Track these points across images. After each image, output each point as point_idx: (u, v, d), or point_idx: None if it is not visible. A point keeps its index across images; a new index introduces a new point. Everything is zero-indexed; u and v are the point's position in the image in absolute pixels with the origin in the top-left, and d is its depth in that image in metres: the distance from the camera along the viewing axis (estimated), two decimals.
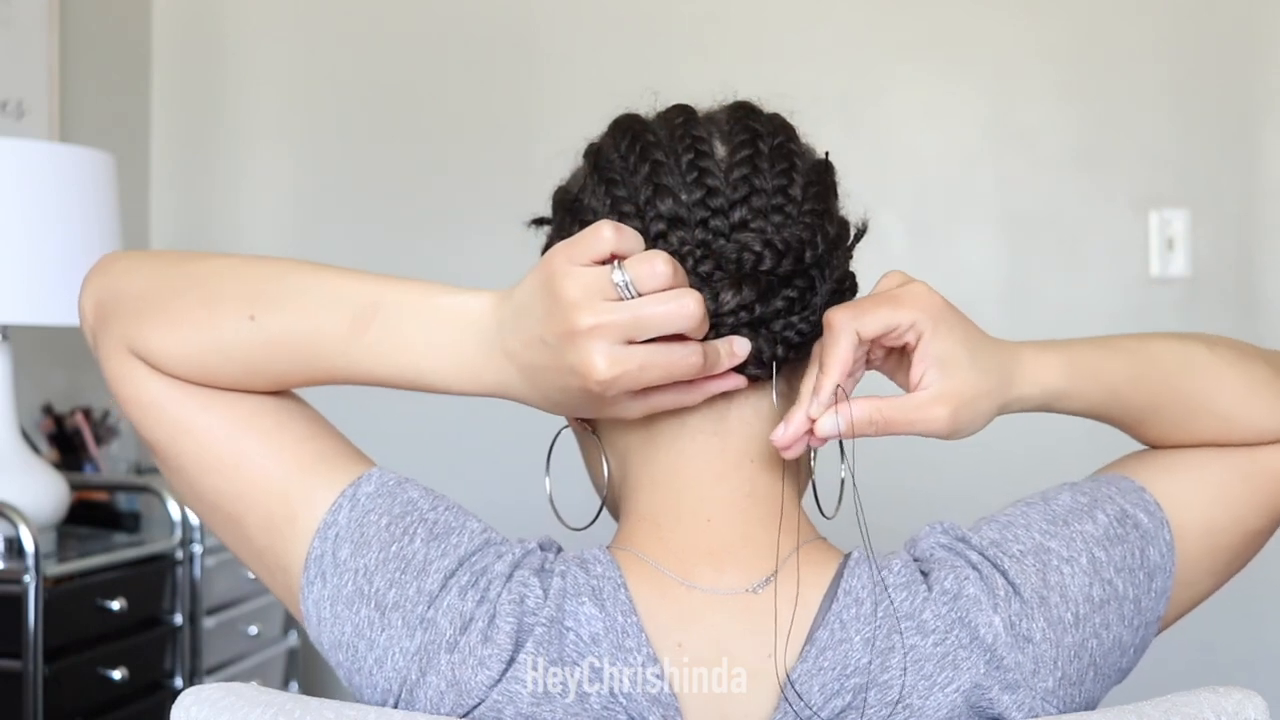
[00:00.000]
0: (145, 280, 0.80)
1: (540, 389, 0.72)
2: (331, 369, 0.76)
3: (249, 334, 0.76)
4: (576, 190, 0.81)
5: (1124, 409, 0.83)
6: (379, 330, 0.74)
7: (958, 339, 0.75)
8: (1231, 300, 2.48)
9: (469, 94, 2.69)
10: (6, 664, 1.72)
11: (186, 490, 0.81)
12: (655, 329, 0.69)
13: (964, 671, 0.73)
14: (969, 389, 0.75)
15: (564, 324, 0.68)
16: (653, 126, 0.80)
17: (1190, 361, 0.83)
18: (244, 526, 0.79)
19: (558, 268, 0.69)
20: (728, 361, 0.74)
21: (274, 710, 0.71)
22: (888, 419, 0.74)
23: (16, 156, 1.85)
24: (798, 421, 0.74)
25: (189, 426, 0.79)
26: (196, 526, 2.06)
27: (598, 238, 0.69)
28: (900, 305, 0.75)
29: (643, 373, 0.69)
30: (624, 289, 0.68)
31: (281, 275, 0.77)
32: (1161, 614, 0.79)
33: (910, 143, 2.58)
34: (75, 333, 2.38)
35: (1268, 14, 2.46)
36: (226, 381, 0.78)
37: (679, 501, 0.78)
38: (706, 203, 0.76)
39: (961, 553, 0.76)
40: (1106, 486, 0.81)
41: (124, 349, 0.79)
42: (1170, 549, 0.79)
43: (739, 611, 0.75)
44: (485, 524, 0.77)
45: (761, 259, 0.75)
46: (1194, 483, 0.82)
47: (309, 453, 0.78)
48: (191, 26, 2.80)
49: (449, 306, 0.74)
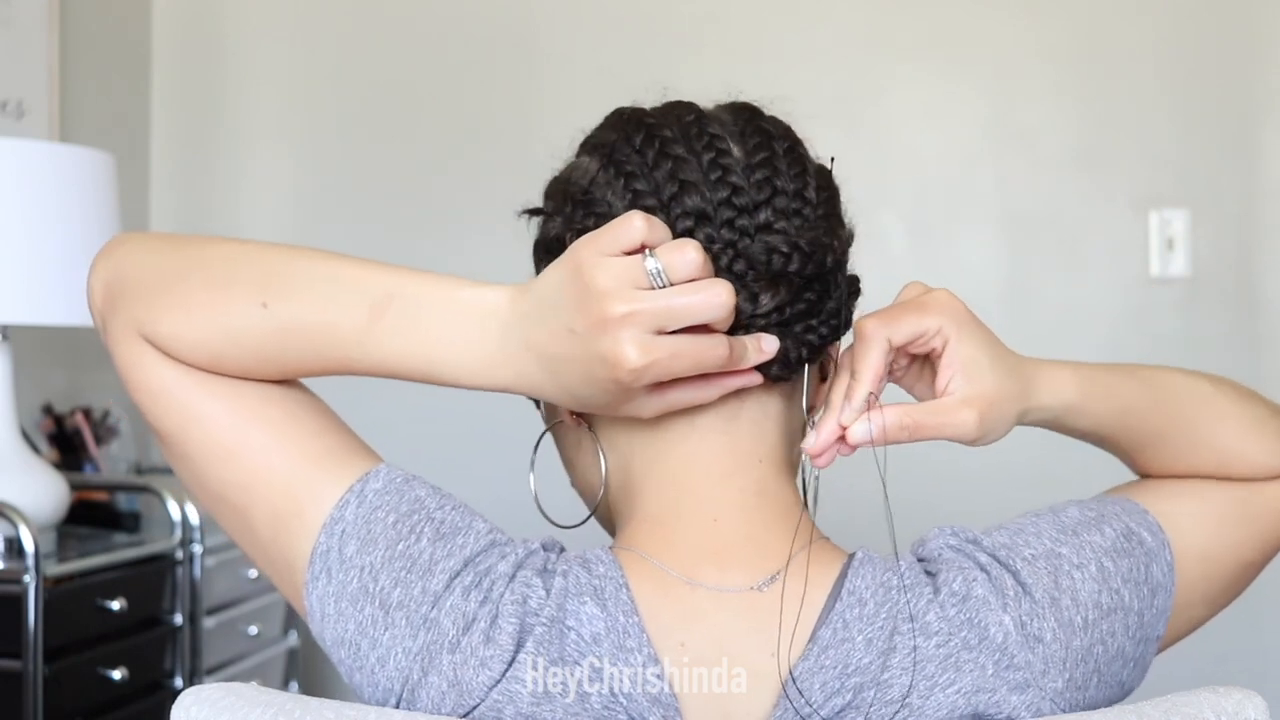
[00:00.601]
0: (156, 263, 0.79)
1: (562, 381, 0.72)
2: (344, 359, 0.76)
3: (261, 321, 0.76)
4: (586, 183, 0.80)
5: (1131, 432, 0.84)
6: (394, 321, 0.74)
7: (980, 344, 0.77)
8: (1231, 300, 2.48)
9: (469, 94, 2.69)
10: (6, 664, 1.72)
11: (193, 480, 0.80)
12: (688, 318, 0.69)
13: (966, 674, 0.73)
14: (994, 392, 0.76)
15: (596, 312, 0.68)
16: (664, 122, 0.80)
17: (1197, 394, 0.86)
18: (249, 519, 0.78)
19: (587, 258, 0.69)
20: (755, 358, 0.74)
21: (274, 710, 0.71)
22: (918, 423, 0.75)
23: (16, 156, 1.85)
24: (829, 429, 0.75)
25: (197, 414, 0.78)
26: (196, 526, 2.06)
27: (629, 227, 0.69)
28: (926, 311, 0.76)
29: (673, 362, 0.69)
30: (656, 277, 0.68)
31: (295, 261, 0.77)
32: (1161, 634, 0.80)
33: (910, 143, 2.59)
34: (75, 333, 2.38)
35: (1268, 14, 2.46)
36: (237, 369, 0.77)
37: (686, 500, 0.78)
38: (732, 201, 0.76)
39: (970, 554, 0.76)
40: (1111, 505, 0.82)
41: (133, 333, 0.78)
42: (1171, 569, 0.80)
43: (743, 609, 0.75)
44: (491, 524, 0.77)
45: (790, 260, 0.75)
46: (1195, 510, 0.84)
47: (317, 446, 0.78)
48: (191, 26, 2.80)
49: (466, 299, 0.73)
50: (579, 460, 0.86)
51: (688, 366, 0.70)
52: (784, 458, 0.81)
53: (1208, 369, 0.90)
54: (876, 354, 0.75)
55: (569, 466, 0.88)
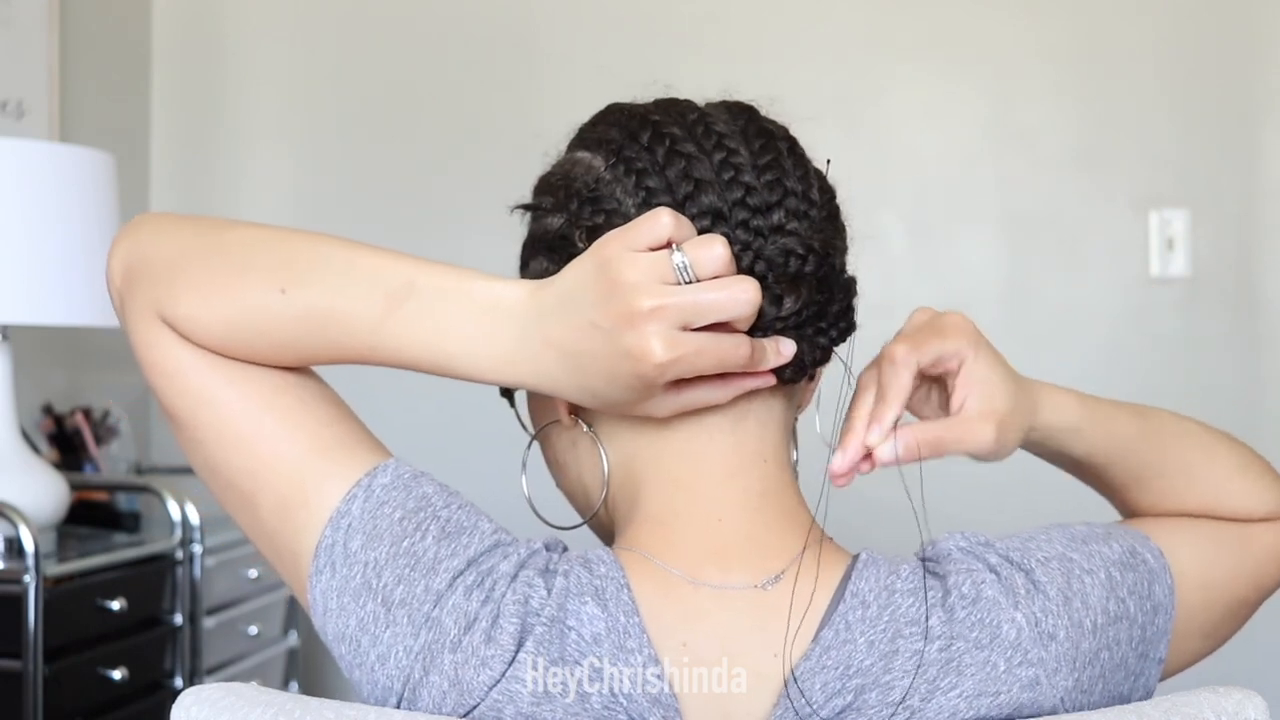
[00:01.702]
0: (176, 245, 0.79)
1: (581, 377, 0.72)
2: (360, 347, 0.76)
3: (279, 306, 0.75)
4: (592, 180, 0.79)
5: (1125, 461, 0.87)
6: (411, 311, 0.74)
7: (993, 364, 0.80)
8: (1231, 300, 2.48)
9: (469, 94, 2.69)
10: (6, 664, 1.72)
11: (203, 465, 0.80)
12: (715, 314, 0.69)
13: (969, 677, 0.73)
14: (1006, 408, 0.79)
15: (623, 307, 0.68)
16: (668, 120, 0.80)
17: (1188, 434, 0.90)
18: (257, 506, 0.78)
19: (614, 253, 0.69)
20: (774, 360, 0.74)
21: (274, 710, 0.71)
22: (939, 438, 0.78)
23: (16, 156, 1.84)
24: (855, 449, 0.77)
25: (210, 398, 0.78)
26: (196, 526, 2.06)
27: (657, 223, 0.69)
28: (947, 336, 0.79)
29: (697, 359, 0.69)
30: (683, 272, 0.69)
31: (317, 249, 0.77)
32: (1163, 656, 0.80)
33: (910, 143, 2.59)
34: (75, 333, 2.38)
35: (1268, 14, 2.46)
36: (252, 354, 0.77)
37: (691, 500, 0.78)
38: (746, 202, 0.76)
39: (981, 555, 0.77)
40: (1116, 528, 0.83)
41: (151, 314, 0.78)
42: (1172, 592, 0.81)
43: (746, 608, 0.75)
44: (496, 524, 0.77)
45: (806, 262, 0.75)
46: (1192, 541, 0.85)
47: (328, 437, 0.78)
48: (191, 26, 2.80)
49: (484, 292, 0.73)
50: (574, 462, 0.85)
51: (711, 364, 0.70)
52: (786, 458, 0.81)
53: (1208, 369, 0.92)
54: (907, 378, 0.78)
55: (559, 469, 0.87)
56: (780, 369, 0.75)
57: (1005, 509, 2.03)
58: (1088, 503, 0.97)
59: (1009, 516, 0.87)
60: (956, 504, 2.31)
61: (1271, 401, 2.40)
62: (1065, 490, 1.02)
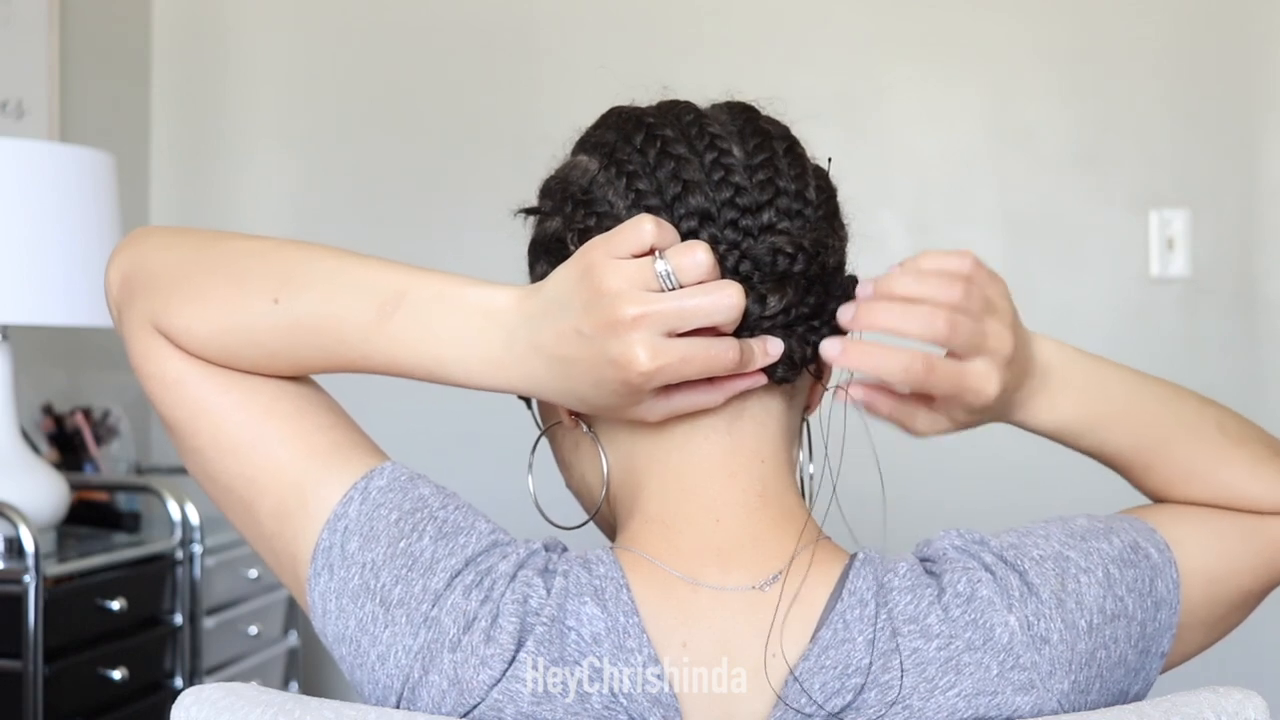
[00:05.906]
0: (173, 257, 0.80)
1: (569, 384, 0.72)
2: (353, 356, 0.76)
3: (273, 316, 0.76)
4: (586, 182, 0.79)
5: (1128, 458, 0.85)
6: (404, 319, 0.74)
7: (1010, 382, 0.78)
8: (1231, 300, 2.48)
9: (469, 94, 2.69)
10: (6, 664, 1.72)
11: (202, 472, 0.81)
12: (698, 320, 0.69)
13: (967, 676, 0.73)
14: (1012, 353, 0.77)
15: (606, 315, 0.68)
16: (663, 122, 0.80)
17: (1202, 428, 0.86)
18: (256, 512, 0.79)
19: (597, 260, 0.69)
20: (761, 360, 0.74)
21: (274, 710, 0.71)
22: (933, 365, 0.73)
23: (16, 156, 1.85)
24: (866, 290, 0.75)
25: (208, 407, 0.79)
26: (196, 526, 2.06)
27: (639, 230, 0.70)
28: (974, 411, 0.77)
29: (683, 365, 0.70)
30: (666, 279, 0.69)
31: (309, 259, 0.78)
32: (1166, 650, 0.80)
33: (910, 143, 2.59)
34: (75, 333, 2.38)
35: (1268, 14, 2.46)
36: (248, 364, 0.78)
37: (689, 501, 0.78)
38: (735, 202, 0.76)
39: (976, 554, 0.76)
40: (1120, 521, 0.82)
41: (148, 325, 0.79)
42: (1176, 586, 0.80)
43: (745, 609, 0.75)
44: (494, 525, 0.77)
45: (794, 261, 0.75)
46: (1200, 533, 0.84)
47: (324, 442, 0.78)
48: (191, 26, 2.80)
49: (475, 298, 0.74)
50: (577, 462, 0.86)
51: (698, 370, 0.71)
52: (786, 458, 0.81)
53: (1208, 369, 0.91)
54: None
55: (565, 468, 0.88)
56: (770, 368, 0.75)
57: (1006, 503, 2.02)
58: (1093, 496, 0.97)
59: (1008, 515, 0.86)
60: (956, 498, 2.31)
61: (1272, 401, 2.40)
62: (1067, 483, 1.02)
